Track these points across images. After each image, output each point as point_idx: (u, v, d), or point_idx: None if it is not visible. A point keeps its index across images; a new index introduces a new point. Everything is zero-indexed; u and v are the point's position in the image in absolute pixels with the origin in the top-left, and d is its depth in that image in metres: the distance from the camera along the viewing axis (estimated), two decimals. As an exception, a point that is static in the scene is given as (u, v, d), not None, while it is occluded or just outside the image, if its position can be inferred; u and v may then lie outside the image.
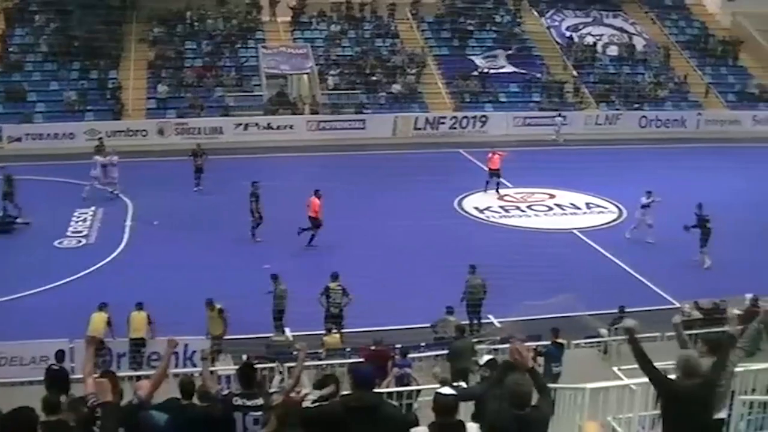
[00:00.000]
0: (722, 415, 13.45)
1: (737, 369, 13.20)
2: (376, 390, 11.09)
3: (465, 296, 27.97)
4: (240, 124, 53.17)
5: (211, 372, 21.94)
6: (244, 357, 23.28)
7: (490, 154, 42.17)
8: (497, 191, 42.36)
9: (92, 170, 40.92)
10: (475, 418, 10.58)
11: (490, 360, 13.25)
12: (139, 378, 19.30)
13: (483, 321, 28.28)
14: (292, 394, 12.27)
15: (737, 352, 13.29)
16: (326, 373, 14.41)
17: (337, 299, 26.82)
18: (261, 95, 55.43)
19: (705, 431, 11.02)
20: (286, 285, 27.29)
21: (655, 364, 11.36)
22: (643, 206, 36.29)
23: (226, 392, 13.45)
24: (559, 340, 22.81)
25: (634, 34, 67.43)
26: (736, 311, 26.81)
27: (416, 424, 10.24)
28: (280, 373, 21.53)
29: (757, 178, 47.19)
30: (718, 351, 11.69)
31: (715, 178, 45.47)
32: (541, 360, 22.20)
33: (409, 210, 38.86)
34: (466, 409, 12.28)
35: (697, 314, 27.11)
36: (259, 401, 11.66)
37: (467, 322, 27.23)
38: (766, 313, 15.60)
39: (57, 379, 17.23)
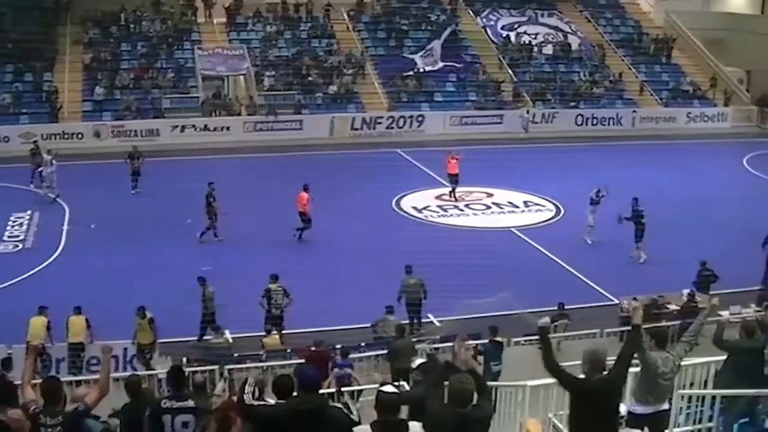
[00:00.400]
0: (665, 406, 13.62)
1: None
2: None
3: (401, 296, 27.99)
4: (177, 126, 52.86)
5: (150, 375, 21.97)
6: (184, 360, 23.28)
7: (448, 159, 41.99)
8: (452, 195, 42.20)
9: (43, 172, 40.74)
10: (412, 417, 10.57)
11: (422, 363, 13.26)
12: (79, 383, 19.15)
13: (423, 320, 28.35)
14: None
15: (683, 345, 13.45)
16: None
17: (279, 300, 26.76)
18: (197, 97, 55.14)
19: (611, 424, 11.12)
20: (213, 287, 27.19)
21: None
22: (592, 202, 36.40)
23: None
24: (498, 339, 22.85)
25: (569, 32, 67.88)
26: (674, 306, 27.09)
27: (358, 423, 10.24)
28: (221, 375, 21.41)
29: (691, 174, 47.76)
30: (627, 345, 11.73)
31: (651, 175, 45.85)
32: (481, 359, 22.28)
33: (347, 210, 38.85)
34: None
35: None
36: (189, 403, 11.66)
37: (407, 321, 27.30)
38: (714, 308, 15.84)
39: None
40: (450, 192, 41.93)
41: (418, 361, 13.64)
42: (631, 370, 13.79)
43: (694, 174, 48.06)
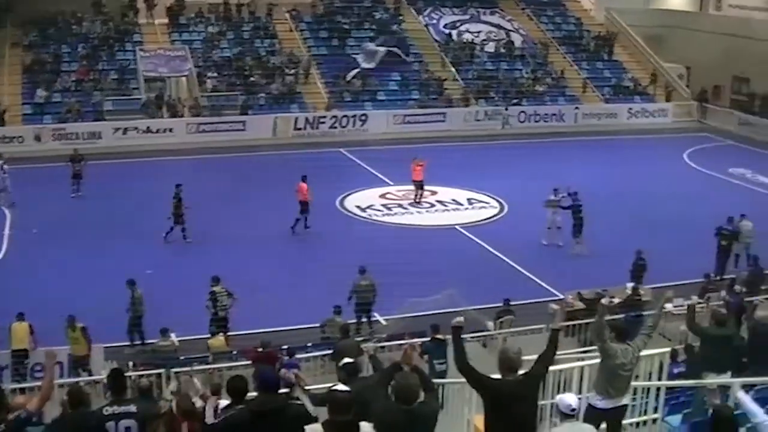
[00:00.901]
0: (626, 401, 13.70)
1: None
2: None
3: (351, 296, 28.00)
4: (119, 129, 52.24)
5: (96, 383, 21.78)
6: (130, 364, 23.12)
7: (412, 165, 41.80)
8: (417, 200, 41.94)
9: None
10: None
11: (347, 363, 13.23)
12: (23, 390, 18.94)
13: (372, 320, 28.39)
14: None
15: (642, 338, 13.55)
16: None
17: (224, 302, 26.64)
18: (140, 98, 54.71)
19: (527, 427, 10.94)
20: (141, 290, 27.02)
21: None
22: (550, 203, 36.47)
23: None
24: (439, 337, 22.75)
25: (511, 30, 68.11)
26: (617, 299, 27.28)
27: (316, 418, 10.24)
28: (169, 378, 21.30)
29: (633, 169, 48.14)
30: (548, 347, 11.67)
31: (593, 171, 46.17)
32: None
33: (292, 211, 38.76)
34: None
35: (579, 305, 27.54)
36: (132, 408, 11.55)
37: (354, 321, 27.35)
38: (667, 300, 16.06)
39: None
40: (415, 197, 41.74)
41: (345, 360, 13.59)
42: (593, 362, 13.92)
43: (635, 169, 48.42)
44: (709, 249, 33.04)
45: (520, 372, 10.85)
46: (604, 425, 13.29)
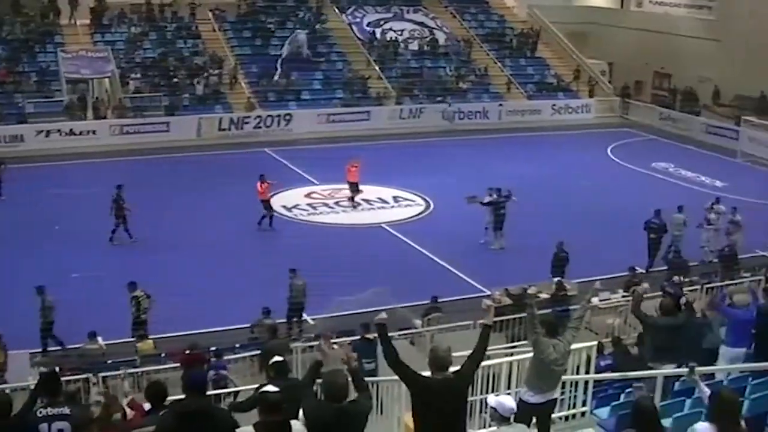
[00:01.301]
0: (556, 395, 13.76)
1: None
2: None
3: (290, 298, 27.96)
4: (41, 131, 51.55)
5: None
6: (57, 369, 22.79)
7: (347, 167, 41.51)
8: (352, 202, 41.60)
9: None
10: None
11: (276, 362, 13.18)
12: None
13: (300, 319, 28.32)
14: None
15: (571, 331, 13.61)
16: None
17: (145, 305, 26.43)
18: (62, 100, 54.03)
19: (455, 425, 10.95)
20: (52, 297, 26.66)
21: (467, 352, 11.45)
22: (491, 204, 36.51)
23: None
24: (369, 336, 22.65)
25: (434, 28, 68.25)
26: (544, 295, 27.45)
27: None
28: (95, 384, 21.05)
29: (558, 165, 48.51)
30: (479, 345, 11.66)
31: (518, 167, 46.43)
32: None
33: (217, 211, 38.59)
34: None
35: (507, 300, 27.69)
36: (65, 410, 11.47)
37: (285, 321, 27.30)
38: (594, 293, 16.23)
39: None
40: (350, 199, 41.58)
41: (274, 359, 13.54)
42: (522, 357, 13.96)
43: (560, 165, 48.82)
44: (634, 242, 33.34)
45: (451, 369, 10.85)
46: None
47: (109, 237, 35.25)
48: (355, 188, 41.06)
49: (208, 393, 16.99)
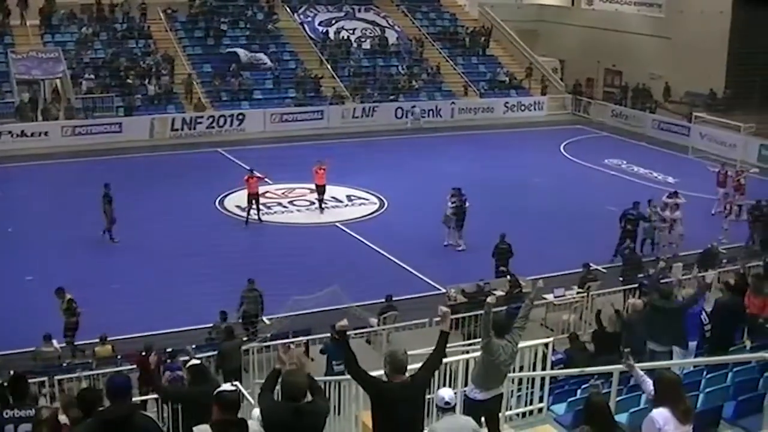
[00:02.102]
0: (502, 390, 13.80)
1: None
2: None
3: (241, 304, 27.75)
4: (-8, 133, 51.18)
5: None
6: (11, 372, 22.60)
7: (314, 169, 40.94)
8: (320, 205, 41.05)
9: None
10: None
11: (192, 366, 13.14)
12: None
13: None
14: None
15: (517, 330, 13.65)
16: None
17: (78, 309, 26.03)
18: (12, 102, 53.52)
19: (414, 427, 10.98)
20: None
21: (423, 350, 11.47)
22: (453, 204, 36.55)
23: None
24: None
25: (386, 27, 68.26)
26: (500, 292, 27.51)
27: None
28: (51, 386, 20.91)
29: (511, 162, 48.70)
30: (437, 350, 11.68)
31: (471, 165, 46.58)
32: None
33: (170, 212, 38.42)
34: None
35: (462, 298, 27.75)
36: (31, 412, 11.40)
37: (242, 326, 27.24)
38: (539, 291, 16.30)
39: None
40: (319, 202, 41.23)
41: (192, 362, 13.50)
42: (477, 355, 13.96)
43: (513, 162, 49.06)
44: (588, 239, 33.47)
45: (408, 374, 10.89)
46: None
47: (105, 235, 35.38)
48: (322, 191, 40.81)
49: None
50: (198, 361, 13.38)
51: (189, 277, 31.59)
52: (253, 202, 38.20)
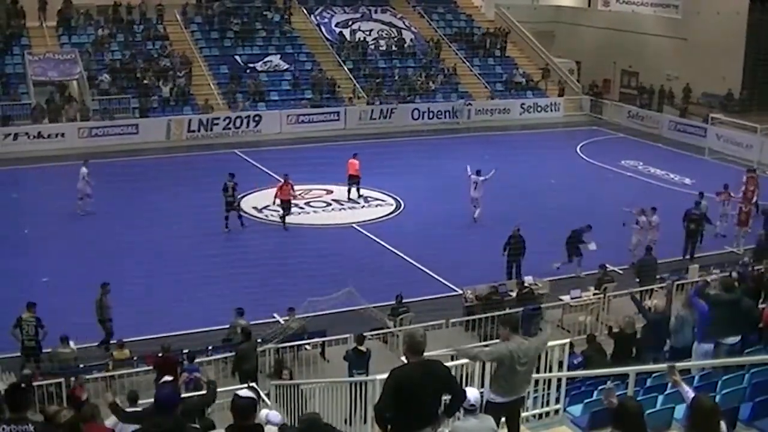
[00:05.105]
0: (523, 394, 13.74)
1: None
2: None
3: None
4: (9, 134, 51.23)
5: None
6: (27, 375, 22.59)
7: (349, 160, 41.70)
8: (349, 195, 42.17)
9: None
10: None
11: (164, 382, 13.21)
12: None
13: (269, 321, 28.15)
14: None
15: (551, 325, 13.65)
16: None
17: (30, 331, 24.96)
18: (29, 103, 53.63)
19: (433, 404, 10.68)
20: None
21: (438, 351, 11.45)
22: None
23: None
24: (362, 348, 22.44)
25: (402, 28, 68.23)
26: (513, 293, 27.56)
27: (213, 427, 10.10)
28: (68, 386, 20.97)
29: (528, 164, 48.57)
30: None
31: (488, 166, 46.45)
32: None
33: (187, 213, 38.44)
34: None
35: (478, 297, 27.82)
36: (29, 428, 10.23)
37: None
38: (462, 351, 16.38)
39: None
40: (349, 192, 41.98)
41: (163, 378, 13.54)
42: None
43: (530, 163, 48.88)
44: (604, 240, 33.34)
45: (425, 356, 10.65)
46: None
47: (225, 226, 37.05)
48: (356, 182, 41.45)
49: (183, 395, 17.01)
50: (171, 379, 13.03)
51: (206, 278, 31.59)
52: (284, 208, 38.35)
